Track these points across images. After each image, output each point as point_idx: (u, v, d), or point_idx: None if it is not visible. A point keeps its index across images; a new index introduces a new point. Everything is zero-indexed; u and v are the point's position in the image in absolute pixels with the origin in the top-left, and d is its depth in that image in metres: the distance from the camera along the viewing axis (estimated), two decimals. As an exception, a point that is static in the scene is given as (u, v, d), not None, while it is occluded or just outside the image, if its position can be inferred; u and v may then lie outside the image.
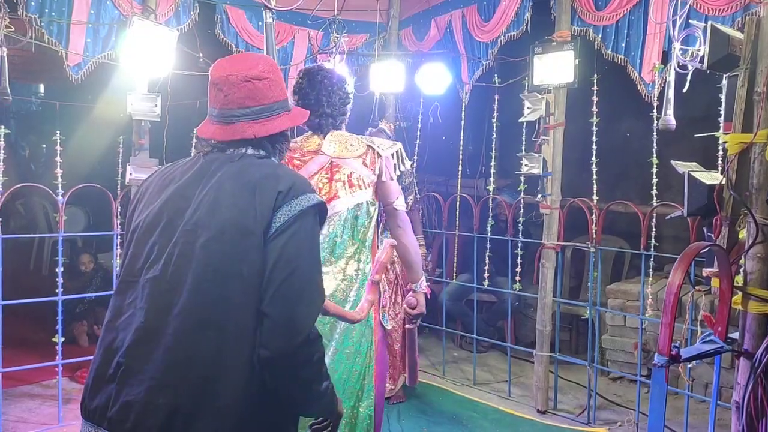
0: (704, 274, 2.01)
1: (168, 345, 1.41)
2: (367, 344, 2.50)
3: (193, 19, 4.26)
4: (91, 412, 1.47)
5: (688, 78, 2.45)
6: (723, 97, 2.01)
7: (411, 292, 2.66)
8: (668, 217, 2.15)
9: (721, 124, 2.01)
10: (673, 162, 2.04)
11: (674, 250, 4.65)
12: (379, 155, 2.52)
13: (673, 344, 1.78)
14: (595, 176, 4.10)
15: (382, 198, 2.57)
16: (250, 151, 1.62)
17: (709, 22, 1.95)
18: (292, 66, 4.77)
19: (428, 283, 2.73)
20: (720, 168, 2.41)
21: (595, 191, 4.11)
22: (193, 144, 4.39)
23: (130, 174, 3.87)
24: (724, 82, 2.01)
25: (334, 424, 1.69)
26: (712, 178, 2.01)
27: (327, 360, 2.38)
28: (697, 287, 2.01)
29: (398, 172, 2.58)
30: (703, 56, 2.03)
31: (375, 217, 2.55)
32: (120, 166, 4.55)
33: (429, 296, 2.74)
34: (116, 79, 3.98)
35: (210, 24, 4.43)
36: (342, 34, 4.05)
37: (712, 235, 1.94)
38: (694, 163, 2.11)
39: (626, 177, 5.64)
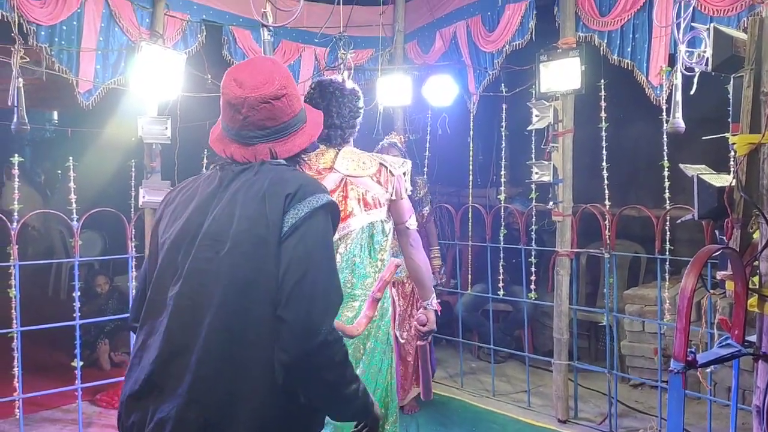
0: (718, 277, 1.99)
1: (195, 361, 1.42)
2: (388, 362, 2.52)
3: (201, 41, 4.33)
4: (128, 429, 1.49)
5: (695, 80, 2.44)
6: (730, 97, 1.99)
7: (422, 309, 2.66)
8: (679, 221, 2.13)
9: (730, 125, 2.00)
10: (681, 165, 2.03)
11: (690, 252, 4.60)
12: (392, 173, 2.53)
13: (689, 349, 1.76)
14: (606, 181, 4.08)
15: (395, 217, 2.58)
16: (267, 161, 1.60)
17: (712, 24, 1.95)
18: (300, 84, 4.81)
19: (438, 301, 2.73)
20: (731, 169, 2.39)
21: (607, 196, 4.08)
22: (204, 162, 4.44)
23: (143, 197, 3.92)
24: (731, 83, 1.99)
25: (371, 428, 1.65)
26: (722, 180, 2.00)
27: None
28: (712, 291, 1.98)
29: (409, 191, 2.59)
30: (709, 58, 2.01)
31: (391, 236, 2.56)
32: (133, 189, 4.60)
33: (440, 312, 2.75)
34: (126, 103, 4.05)
35: (217, 46, 4.50)
36: (349, 51, 4.08)
37: (725, 238, 1.92)
38: (703, 166, 2.10)
39: (639, 180, 5.61)
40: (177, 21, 4.19)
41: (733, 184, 1.93)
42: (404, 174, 2.60)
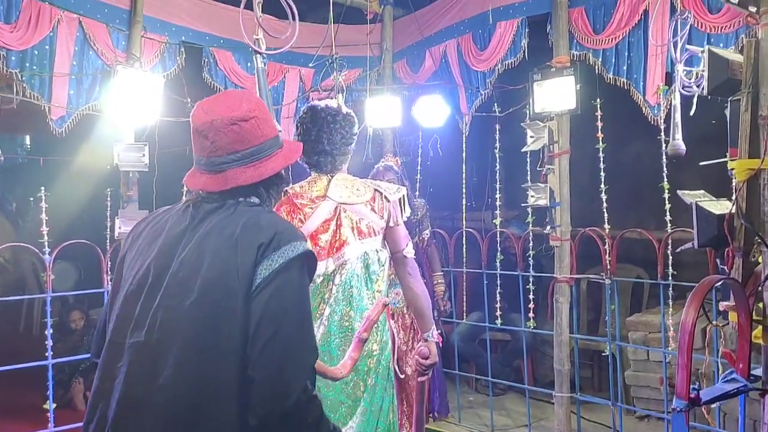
0: (721, 308, 2.01)
1: (155, 417, 1.40)
2: (389, 399, 2.51)
3: (180, 63, 4.36)
4: None
5: (695, 101, 2.47)
6: (728, 121, 2.02)
7: (422, 342, 2.65)
8: (679, 249, 2.15)
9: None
10: (680, 192, 2.05)
11: (695, 276, 4.61)
12: (387, 200, 2.54)
13: (692, 386, 1.76)
14: (605, 204, 4.10)
15: (392, 245, 2.58)
16: (241, 199, 1.59)
17: (707, 47, 1.98)
18: (284, 105, 4.84)
19: (438, 331, 2.73)
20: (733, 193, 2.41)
21: (606, 219, 4.11)
22: (184, 190, 4.44)
23: (119, 227, 3.90)
24: (728, 106, 2.03)
25: None
26: (722, 206, 2.02)
27: (357, 420, 2.39)
28: (715, 322, 1.99)
29: (405, 218, 2.59)
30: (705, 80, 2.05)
31: (387, 266, 2.56)
32: (108, 219, 4.60)
33: (441, 344, 2.74)
34: (102, 129, 4.05)
35: (197, 68, 4.53)
36: (341, 72, 4.11)
37: (726, 268, 1.94)
38: (702, 192, 2.13)
39: (640, 201, 5.64)
40: (155, 43, 4.22)
41: (733, 211, 1.96)
42: (401, 200, 2.61)
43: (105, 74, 3.98)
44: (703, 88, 2.00)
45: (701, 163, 2.15)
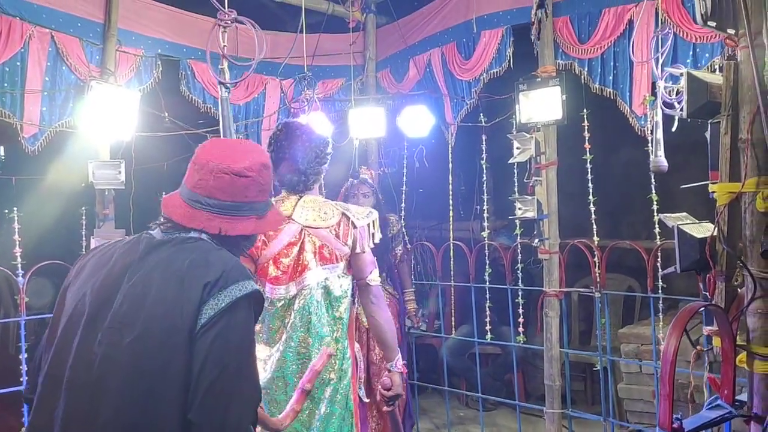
0: (704, 333, 2.03)
1: None
2: (348, 429, 2.51)
3: (156, 77, 4.36)
4: None
5: (676, 119, 2.50)
6: (708, 144, 2.05)
7: (386, 372, 2.67)
8: (661, 273, 2.18)
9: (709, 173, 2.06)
10: (661, 216, 2.08)
11: (687, 287, 4.70)
12: (354, 225, 2.54)
13: (675, 415, 1.79)
14: (593, 216, 4.14)
15: (356, 272, 2.59)
16: (204, 237, 1.60)
17: (685, 70, 2.01)
18: (265, 118, 4.85)
19: (404, 362, 2.74)
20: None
21: (595, 231, 4.14)
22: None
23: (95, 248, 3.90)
24: (708, 129, 2.06)
25: None
26: (704, 230, 2.05)
27: None
28: (698, 347, 2.02)
29: (372, 244, 2.60)
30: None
31: (350, 293, 2.57)
32: (84, 238, 4.58)
33: (406, 375, 2.76)
34: (76, 146, 4.04)
35: (174, 81, 4.53)
36: (314, 89, 4.13)
37: (708, 294, 1.97)
38: (684, 214, 2.16)
39: (630, 209, 5.69)
40: (130, 57, 4.22)
41: (715, 234, 1.99)
42: (371, 224, 2.60)
43: (78, 90, 3.97)
44: (682, 110, 2.02)
45: (682, 186, 2.18)
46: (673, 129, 2.69)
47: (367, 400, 3.93)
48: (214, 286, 1.46)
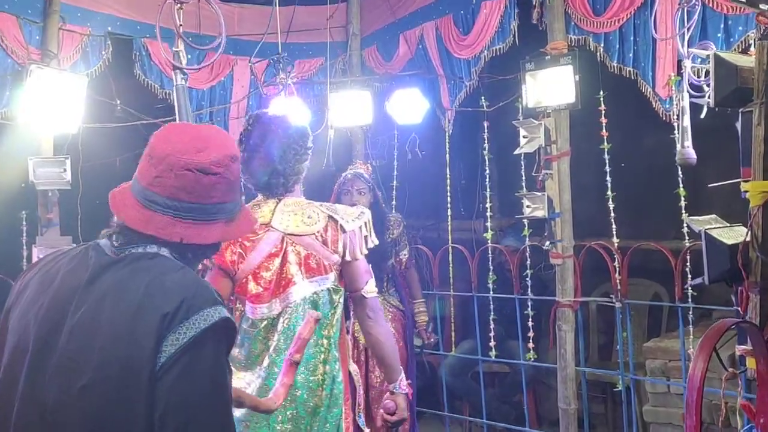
0: (737, 353, 2.05)
1: None
2: None
3: (106, 59, 4.35)
4: None
5: (705, 106, 2.51)
6: (739, 136, 2.06)
7: (388, 394, 2.67)
8: (687, 285, 2.19)
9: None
10: (688, 219, 2.09)
11: (722, 294, 4.69)
12: (343, 230, 2.52)
13: (703, 449, 1.80)
14: (612, 213, 4.13)
15: (348, 282, 2.58)
16: (163, 251, 1.54)
17: (712, 52, 2.02)
18: (233, 104, 4.84)
19: (409, 382, 2.75)
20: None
21: (614, 231, 4.13)
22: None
23: (38, 257, 3.88)
24: (739, 118, 2.06)
25: None
26: (735, 234, 2.06)
27: None
28: (731, 369, 2.03)
29: (366, 249, 2.58)
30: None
31: (341, 308, 2.56)
32: (24, 247, 4.56)
33: (411, 397, 2.77)
34: (14, 141, 4.02)
35: (127, 63, 4.52)
36: (290, 71, 4.12)
37: (740, 308, 1.98)
38: (714, 216, 2.17)
39: (654, 205, 5.68)
40: (75, 36, 4.21)
41: (748, 240, 2.00)
42: (363, 226, 2.58)
43: (16, 76, 3.96)
44: (710, 97, 2.03)
45: (710, 185, 2.19)
46: (702, 116, 2.71)
47: (366, 430, 3.95)
48: (174, 318, 1.40)
